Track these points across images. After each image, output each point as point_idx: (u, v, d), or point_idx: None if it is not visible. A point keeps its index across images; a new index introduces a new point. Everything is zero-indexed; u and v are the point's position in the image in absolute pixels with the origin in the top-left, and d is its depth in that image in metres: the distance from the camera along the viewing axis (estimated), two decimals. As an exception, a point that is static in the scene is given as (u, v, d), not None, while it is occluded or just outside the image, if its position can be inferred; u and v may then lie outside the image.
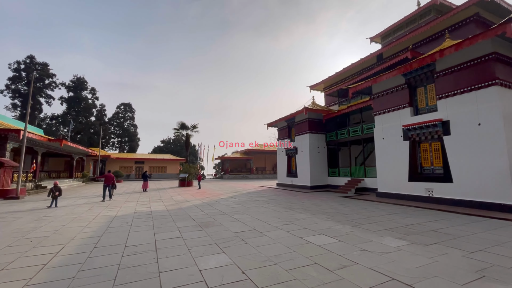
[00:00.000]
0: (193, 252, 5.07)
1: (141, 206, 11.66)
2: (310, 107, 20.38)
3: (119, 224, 7.70)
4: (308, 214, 9.25)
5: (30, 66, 48.38)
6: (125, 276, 3.94)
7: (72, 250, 5.29)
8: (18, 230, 7.00)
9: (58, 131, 50.99)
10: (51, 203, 11.29)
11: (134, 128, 62.86)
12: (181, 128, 41.50)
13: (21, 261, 4.65)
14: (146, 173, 20.57)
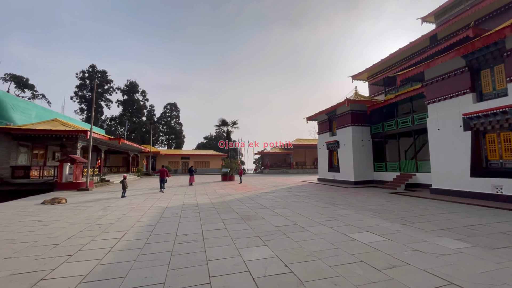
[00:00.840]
0: (237, 243, 5.30)
1: (188, 198, 12.50)
2: (352, 99, 19.33)
3: (170, 215, 8.40)
4: (352, 210, 8.88)
5: (92, 74, 54.84)
6: (177, 262, 4.31)
7: (132, 236, 5.96)
8: (89, 217, 8.12)
9: (116, 131, 57.09)
10: (123, 193, 13.06)
11: (180, 126, 67.10)
12: (222, 125, 42.97)
13: (93, 244, 5.41)
14: (192, 167, 21.91)
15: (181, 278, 3.70)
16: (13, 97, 21.46)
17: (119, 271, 4.00)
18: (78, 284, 3.56)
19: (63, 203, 10.90)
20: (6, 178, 16.77)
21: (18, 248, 5.20)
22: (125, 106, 59.01)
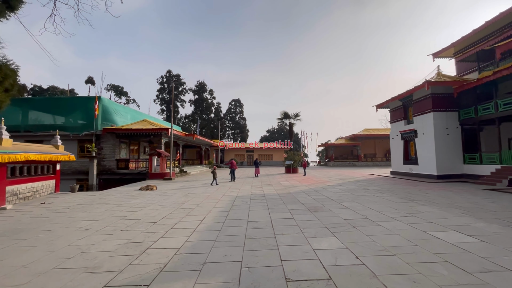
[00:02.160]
0: (305, 232, 5.46)
1: (255, 189, 13.22)
2: (434, 80, 16.73)
3: (240, 203, 9.13)
4: (435, 207, 7.90)
5: (169, 79, 62.28)
6: (251, 245, 4.75)
7: (211, 220, 6.78)
8: (175, 202, 9.52)
9: (189, 127, 63.76)
10: (214, 181, 15.13)
11: (244, 121, 70.33)
12: (284, 118, 43.12)
13: (181, 224, 6.40)
14: (257, 160, 22.93)
15: (255, 259, 4.09)
16: (115, 103, 26.36)
17: (203, 247, 4.68)
18: (174, 255, 4.34)
19: (154, 189, 13.03)
20: (113, 169, 20.91)
21: (129, 223, 6.57)
22: (196, 105, 65.16)
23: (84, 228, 6.13)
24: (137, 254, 4.42)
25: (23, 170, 10.12)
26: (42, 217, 7.45)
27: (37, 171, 10.88)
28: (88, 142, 20.64)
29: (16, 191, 9.53)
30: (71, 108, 23.03)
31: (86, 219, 7.12)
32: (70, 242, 5.14)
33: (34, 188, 10.55)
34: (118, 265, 3.97)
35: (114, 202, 9.69)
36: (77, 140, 21.30)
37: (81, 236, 5.53)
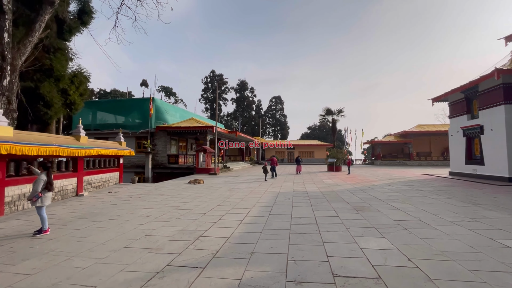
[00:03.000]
0: (351, 231, 5.35)
1: (297, 186, 13.21)
2: (506, 68, 14.48)
3: (283, 199, 9.26)
4: (505, 212, 6.97)
5: (213, 78, 65.11)
6: (296, 239, 4.86)
7: (255, 213, 7.05)
8: (221, 195, 10.09)
9: (231, 125, 65.90)
10: (266, 176, 16.22)
11: (284, 118, 70.03)
12: (326, 114, 41.78)
13: (228, 216, 6.80)
14: (298, 157, 22.78)
15: (301, 253, 4.20)
16: (166, 104, 28.69)
17: (250, 238, 4.94)
18: (224, 243, 4.69)
19: (201, 183, 13.93)
20: (164, 163, 22.87)
21: (182, 213, 7.22)
22: (238, 103, 66.99)
23: (145, 215, 6.94)
24: (191, 240, 4.89)
25: (95, 163, 11.77)
26: (111, 203, 8.62)
27: (105, 164, 12.55)
28: (144, 139, 22.89)
29: (90, 180, 11.15)
30: (129, 109, 25.80)
31: (146, 207, 8.02)
32: (135, 226, 5.89)
33: (104, 178, 12.19)
34: (177, 249, 4.45)
35: (167, 193, 10.67)
36: (135, 137, 23.77)
37: (143, 221, 6.29)
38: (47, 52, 14.10)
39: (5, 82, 9.84)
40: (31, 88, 13.18)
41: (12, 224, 6.06)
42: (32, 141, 7.53)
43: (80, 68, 16.29)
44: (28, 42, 10.79)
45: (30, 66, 12.50)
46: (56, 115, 14.38)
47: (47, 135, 9.16)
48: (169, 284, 3.22)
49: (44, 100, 13.46)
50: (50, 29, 13.61)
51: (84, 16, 16.65)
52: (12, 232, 5.44)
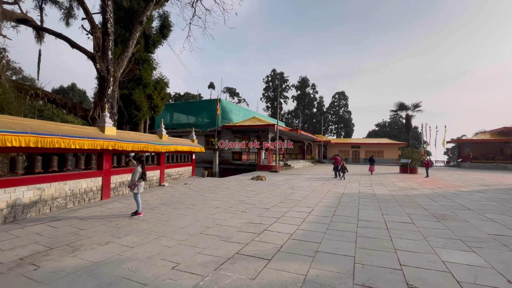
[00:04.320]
0: (430, 241, 4.78)
1: (364, 187, 12.35)
2: None
3: (348, 200, 8.83)
4: None
5: (274, 77, 65.87)
6: (363, 243, 4.63)
7: (318, 213, 6.96)
8: (283, 193, 10.25)
9: (292, 123, 65.53)
10: (341, 176, 15.95)
11: (348, 114, 65.80)
12: (399, 109, 37.66)
13: (290, 213, 6.90)
14: (372, 157, 21.18)
15: (370, 258, 3.99)
16: (230, 104, 30.56)
17: (314, 237, 4.93)
18: (288, 239, 4.81)
19: (264, 180, 14.40)
20: (229, 160, 24.42)
21: (247, 207, 7.66)
22: (299, 100, 66.13)
23: (215, 206, 7.64)
24: (257, 233, 5.18)
25: (173, 158, 13.48)
26: (186, 194, 9.75)
27: (181, 159, 14.22)
28: (212, 137, 24.91)
29: (170, 173, 12.83)
30: (199, 109, 28.46)
31: (215, 199, 8.80)
32: (207, 215, 6.56)
33: (180, 171, 13.86)
34: (244, 239, 4.79)
35: (233, 188, 11.43)
36: (204, 135, 26.09)
37: (214, 212, 6.94)
38: (137, 64, 16.75)
39: (109, 91, 12.17)
40: (126, 95, 15.89)
41: (116, 206, 7.51)
42: (129, 139, 9.13)
43: (161, 76, 18.82)
44: (125, 57, 13.03)
45: (126, 77, 15.09)
46: (144, 117, 16.99)
47: (138, 134, 10.94)
48: (239, 270, 3.52)
49: (135, 105, 16.07)
50: (139, 44, 16.14)
51: (164, 30, 19.11)
52: (116, 212, 6.76)
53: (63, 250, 4.14)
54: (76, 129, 7.35)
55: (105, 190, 8.32)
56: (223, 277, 3.32)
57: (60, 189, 6.80)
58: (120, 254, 4.02)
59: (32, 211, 6.08)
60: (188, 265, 3.67)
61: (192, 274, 3.40)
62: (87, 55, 13.02)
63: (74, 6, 16.11)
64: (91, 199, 7.81)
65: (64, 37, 13.17)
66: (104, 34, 12.09)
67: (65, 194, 6.96)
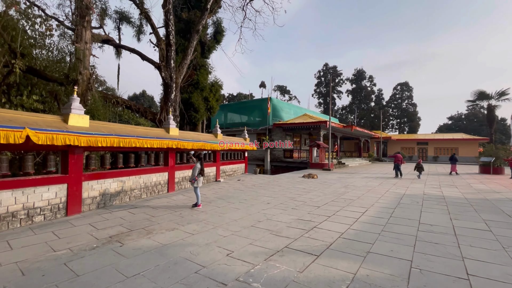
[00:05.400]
0: (511, 252, 4.12)
1: (430, 188, 11.07)
2: None
3: (409, 202, 8.10)
4: None
5: (326, 72, 63.37)
6: (424, 248, 4.27)
7: (373, 213, 6.60)
8: (335, 192, 9.96)
9: (347, 119, 62.07)
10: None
11: (413, 107, 59.04)
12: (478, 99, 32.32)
13: (342, 212, 6.72)
14: (454, 155, 18.68)
15: (430, 263, 3.69)
16: (281, 102, 30.71)
17: (366, 238, 4.76)
18: (338, 238, 4.76)
19: (315, 178, 14.17)
20: (281, 158, 24.62)
21: (297, 204, 7.74)
22: (354, 94, 62.18)
23: (266, 202, 7.93)
24: (306, 229, 5.25)
25: (227, 155, 14.36)
26: (240, 189, 10.32)
27: (234, 157, 15.03)
28: (263, 135, 25.50)
29: (224, 170, 13.72)
30: (251, 109, 29.40)
31: (266, 195, 9.11)
32: (259, 210, 6.89)
33: (233, 168, 14.69)
34: (293, 234, 4.92)
35: (284, 185, 11.60)
36: (256, 133, 26.88)
37: (265, 207, 7.23)
38: (195, 70, 18.29)
39: (172, 96, 13.65)
40: (186, 98, 17.53)
41: (179, 198, 8.47)
42: (189, 138, 10.14)
43: (216, 79, 20.12)
44: (184, 64, 14.41)
45: (185, 82, 16.65)
46: (201, 118, 18.48)
47: (196, 134, 12.02)
48: (287, 263, 3.69)
49: (194, 107, 17.60)
50: (196, 51, 17.58)
51: (218, 35, 20.35)
52: (180, 203, 7.64)
53: (140, 233, 4.95)
54: (147, 131, 8.54)
55: (171, 183, 9.43)
56: (272, 267, 3.54)
57: (136, 182, 8.02)
58: (183, 239, 4.61)
59: (116, 199, 7.35)
60: (240, 254, 4.00)
61: (244, 262, 3.71)
62: (154, 65, 14.84)
63: (143, 23, 18.45)
64: (159, 191, 8.98)
65: (136, 52, 15.26)
66: (167, 45, 13.58)
67: (140, 186, 8.18)
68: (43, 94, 10.18)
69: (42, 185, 5.53)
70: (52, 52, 11.98)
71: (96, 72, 11.77)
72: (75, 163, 6.16)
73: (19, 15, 9.09)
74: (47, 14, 10.83)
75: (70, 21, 12.75)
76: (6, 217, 4.96)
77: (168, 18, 13.38)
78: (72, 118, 6.12)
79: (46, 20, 9.21)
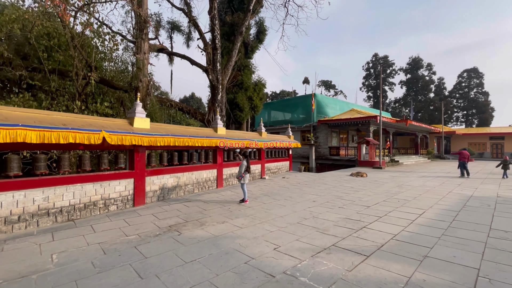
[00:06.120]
0: None
1: (506, 190, 9.55)
2: None
3: (478, 205, 7.15)
4: None
5: (375, 62, 58.94)
6: (495, 256, 3.79)
7: (432, 216, 6.03)
8: (387, 191, 9.32)
9: (400, 112, 56.83)
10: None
11: (484, 96, 51.08)
12: None
13: (395, 213, 6.30)
14: None
15: (503, 274, 3.27)
16: (326, 97, 29.70)
17: (423, 241, 4.41)
18: (391, 239, 4.51)
19: (364, 176, 13.43)
20: (326, 155, 23.87)
21: (344, 202, 7.49)
22: (408, 85, 56.57)
23: (311, 200, 7.87)
24: (355, 229, 5.09)
25: (271, 153, 14.55)
26: (285, 187, 10.40)
27: (279, 154, 15.15)
28: (307, 132, 25.04)
29: (269, 167, 13.94)
30: (294, 106, 29.08)
31: (311, 193, 9.02)
32: (304, 208, 6.88)
33: (278, 166, 14.82)
34: (340, 233, 4.83)
35: (330, 183, 11.29)
36: (300, 131, 26.54)
37: (311, 205, 7.19)
38: (239, 70, 18.89)
39: (218, 97, 14.37)
40: (231, 98, 18.24)
41: (227, 193, 8.95)
42: (235, 137, 10.59)
43: (259, 78, 20.47)
44: (229, 66, 15.02)
45: (230, 83, 17.33)
46: (246, 117, 19.03)
47: (242, 132, 12.46)
48: (335, 261, 3.67)
49: (238, 107, 18.22)
50: (240, 52, 18.12)
51: (260, 35, 20.63)
52: (228, 199, 8.08)
53: (194, 224, 5.43)
54: (198, 131, 9.21)
55: (219, 179, 10.01)
56: (319, 264, 3.56)
57: (189, 177, 8.74)
58: (233, 232, 4.91)
59: (173, 193, 8.12)
60: (287, 249, 4.11)
61: (291, 257, 3.81)
62: (202, 69, 15.81)
63: (191, 30, 19.77)
64: (209, 186, 9.61)
65: (186, 57, 16.45)
66: (213, 49, 14.33)
67: (192, 181, 8.88)
68: (111, 100, 11.75)
69: (115, 179, 6.46)
70: (117, 64, 13.71)
71: (153, 79, 13.08)
72: (140, 160, 7.01)
73: (93, 34, 10.62)
74: (113, 31, 12.39)
75: (132, 35, 14.39)
76: (89, 205, 5.95)
77: (213, 23, 14.11)
78: (136, 121, 6.98)
79: (113, 36, 10.57)
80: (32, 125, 4.71)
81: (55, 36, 10.38)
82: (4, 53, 8.92)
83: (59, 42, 10.47)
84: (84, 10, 9.62)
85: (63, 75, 10.41)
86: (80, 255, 3.86)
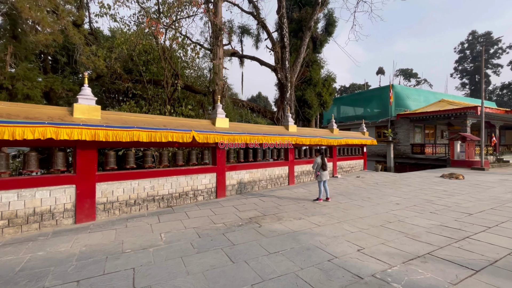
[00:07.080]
0: None
1: None
2: None
3: None
4: None
5: (473, 42, 48.82)
6: None
7: None
8: (496, 198, 7.68)
9: (510, 101, 45.62)
10: None
11: None
12: None
13: (509, 224, 5.16)
14: None
15: None
16: (406, 88, 26.28)
17: (560, 262, 3.49)
18: (507, 255, 3.74)
19: (460, 178, 11.38)
20: (407, 153, 21.16)
21: (437, 208, 6.55)
22: (524, 66, 44.76)
23: (394, 202, 7.16)
24: (455, 238, 4.41)
25: (344, 151, 13.81)
26: (360, 187, 9.76)
27: (352, 152, 14.26)
28: (383, 128, 22.72)
29: (341, 165, 13.29)
30: (367, 99, 26.73)
31: (393, 195, 8.19)
32: (386, 210, 6.33)
33: (351, 164, 13.98)
34: (436, 242, 4.27)
35: (415, 185, 10.01)
36: (374, 127, 24.30)
37: (394, 208, 6.56)
38: (307, 67, 18.56)
39: (287, 95, 14.47)
40: (299, 96, 18.09)
41: (299, 191, 8.97)
42: (306, 134, 10.50)
43: (328, 73, 19.65)
44: (298, 63, 14.92)
45: (299, 80, 17.20)
46: (315, 114, 18.60)
47: (312, 130, 12.24)
48: (433, 271, 3.28)
49: (307, 103, 17.93)
50: (308, 48, 17.77)
51: (329, 27, 19.74)
52: (301, 196, 8.10)
53: (271, 218, 5.67)
54: (270, 129, 9.51)
55: (291, 177, 10.12)
56: (413, 272, 3.26)
57: (262, 173, 9.14)
58: (311, 229, 4.93)
59: (249, 188, 8.65)
60: (372, 251, 3.89)
61: (378, 260, 3.59)
62: (270, 68, 16.18)
63: (260, 32, 20.42)
64: (281, 183, 9.82)
65: (256, 59, 17.11)
66: (282, 47, 14.49)
67: (266, 178, 9.25)
68: (193, 103, 13.25)
69: (201, 173, 7.30)
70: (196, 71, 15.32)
71: (227, 82, 14.13)
72: (221, 156, 7.72)
73: (177, 46, 12.16)
74: (192, 41, 13.92)
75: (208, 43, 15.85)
76: (182, 195, 6.91)
77: (282, 22, 14.25)
78: (218, 121, 7.70)
79: (195, 46, 11.88)
80: (143, 127, 5.78)
81: (150, 52, 12.35)
82: (118, 70, 11.15)
83: (153, 56, 12.40)
84: (171, 27, 11.11)
85: (156, 84, 12.27)
86: (181, 236, 4.54)
